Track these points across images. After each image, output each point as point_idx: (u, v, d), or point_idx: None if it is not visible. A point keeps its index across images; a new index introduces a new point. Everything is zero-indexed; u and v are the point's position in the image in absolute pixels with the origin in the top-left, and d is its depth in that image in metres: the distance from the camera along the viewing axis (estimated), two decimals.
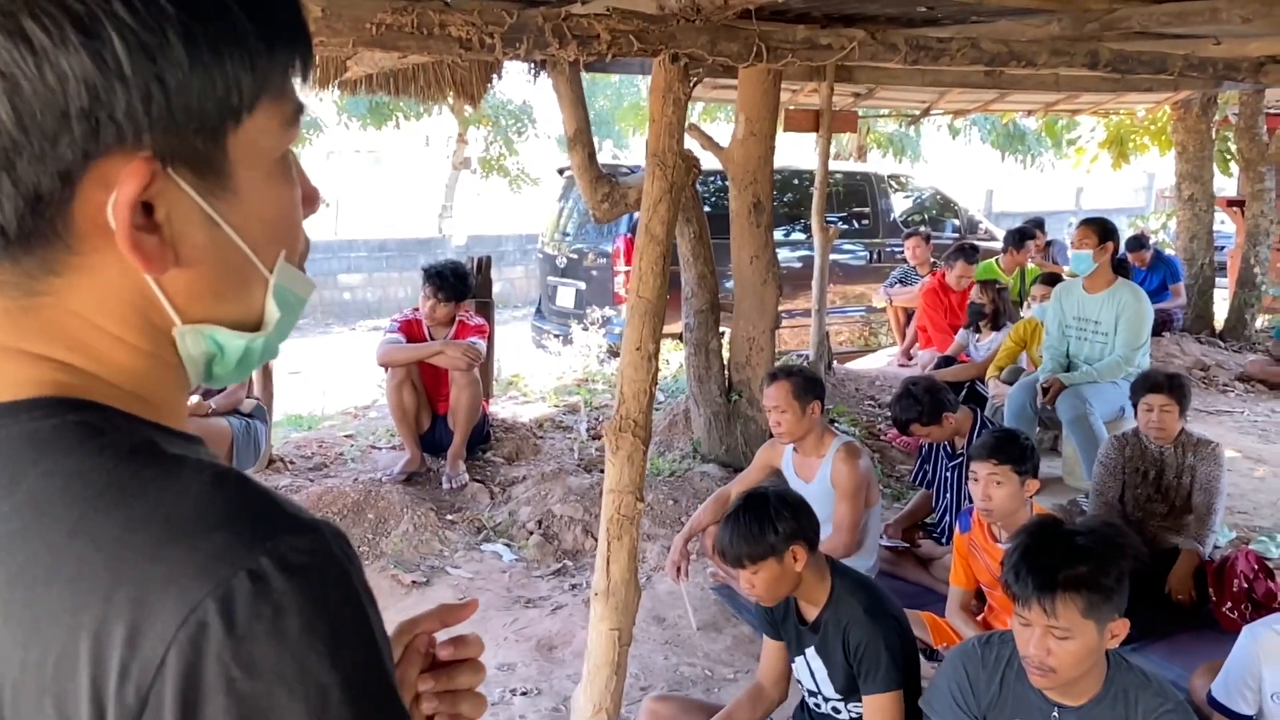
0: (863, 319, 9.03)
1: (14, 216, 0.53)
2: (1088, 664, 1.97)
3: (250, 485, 0.55)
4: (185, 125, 0.54)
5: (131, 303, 0.58)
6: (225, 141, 0.57)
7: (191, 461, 0.55)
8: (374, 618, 0.55)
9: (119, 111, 0.52)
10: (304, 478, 4.79)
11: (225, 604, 0.49)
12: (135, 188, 0.54)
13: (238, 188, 0.58)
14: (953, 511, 4.00)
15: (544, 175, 15.62)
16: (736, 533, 2.31)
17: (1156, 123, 9.94)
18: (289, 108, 0.60)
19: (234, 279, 0.61)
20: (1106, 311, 4.87)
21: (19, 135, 0.51)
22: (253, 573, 0.50)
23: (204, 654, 0.48)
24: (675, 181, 2.39)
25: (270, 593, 0.50)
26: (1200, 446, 3.85)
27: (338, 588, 0.53)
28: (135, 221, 0.54)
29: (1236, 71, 3.98)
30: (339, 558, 0.54)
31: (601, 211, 4.88)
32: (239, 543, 0.51)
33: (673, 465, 5.01)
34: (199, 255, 0.58)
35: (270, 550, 0.51)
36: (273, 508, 0.54)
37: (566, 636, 3.58)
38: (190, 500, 0.52)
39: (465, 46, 2.27)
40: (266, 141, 0.59)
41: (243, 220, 0.59)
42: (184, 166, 0.56)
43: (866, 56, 2.74)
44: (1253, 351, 8.11)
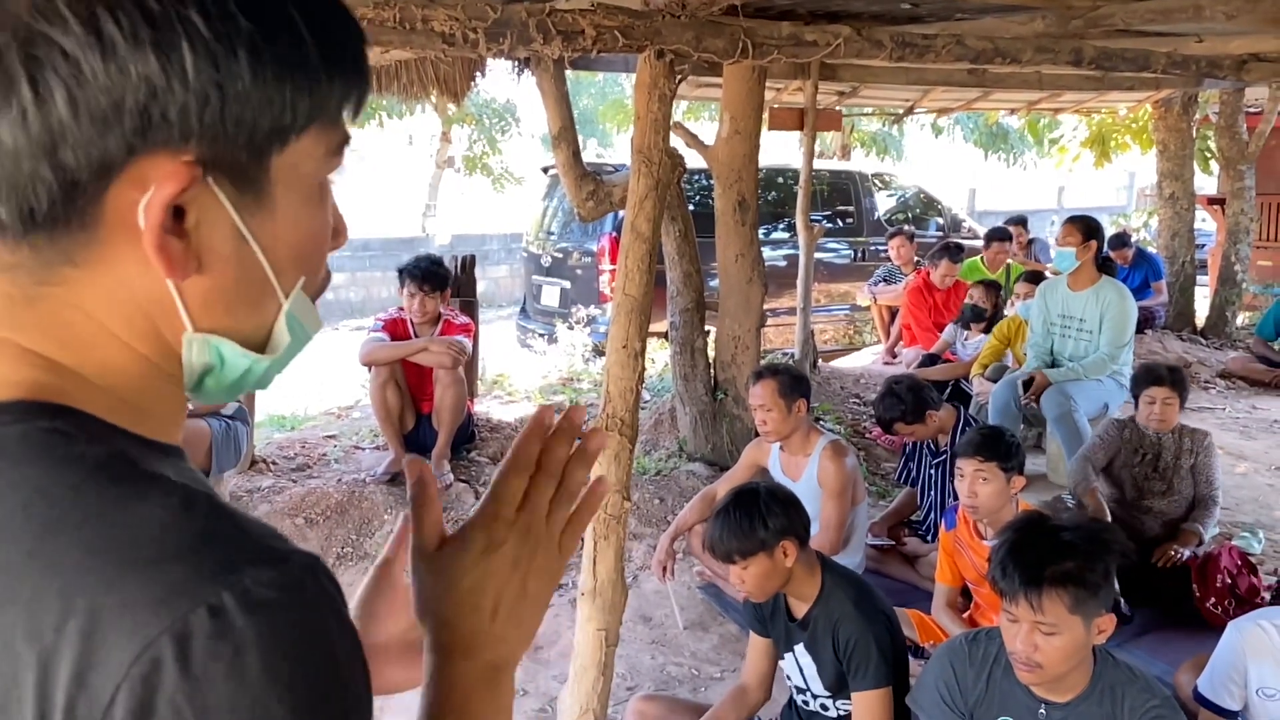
0: (847, 317, 9.05)
1: (45, 201, 0.52)
2: (1075, 660, 1.97)
3: (219, 510, 0.52)
4: (234, 137, 0.54)
5: (141, 306, 0.56)
6: (269, 160, 0.57)
7: (163, 481, 0.53)
8: (344, 656, 0.52)
9: (173, 112, 0.52)
10: (286, 479, 4.75)
11: (181, 642, 0.46)
12: (173, 189, 0.53)
13: (273, 207, 0.58)
14: (938, 509, 4.01)
15: (528, 174, 15.59)
16: (727, 528, 2.30)
17: (1138, 121, 10.02)
18: (337, 138, 0.60)
19: (250, 296, 0.60)
20: (1091, 309, 4.89)
21: (70, 122, 0.51)
22: (212, 608, 0.47)
23: (156, 695, 0.46)
24: (661, 178, 2.37)
25: (230, 630, 0.47)
26: (1196, 435, 3.95)
27: (305, 625, 0.50)
28: (165, 224, 0.54)
29: (1219, 69, 4.01)
30: (308, 592, 0.51)
31: (586, 210, 4.86)
32: (200, 575, 0.48)
33: (659, 464, 4.99)
34: (220, 267, 0.57)
35: (232, 584, 0.48)
36: (240, 536, 0.51)
37: (552, 637, 3.56)
38: (154, 525, 0.50)
39: (448, 42, 2.25)
40: (309, 166, 0.59)
41: (271, 240, 0.59)
42: (224, 177, 0.55)
43: (852, 53, 2.74)
44: (1234, 349, 8.17)
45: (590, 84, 18.30)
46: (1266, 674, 2.44)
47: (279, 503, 4.34)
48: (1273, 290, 9.09)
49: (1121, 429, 4.03)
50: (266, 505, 4.34)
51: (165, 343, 0.58)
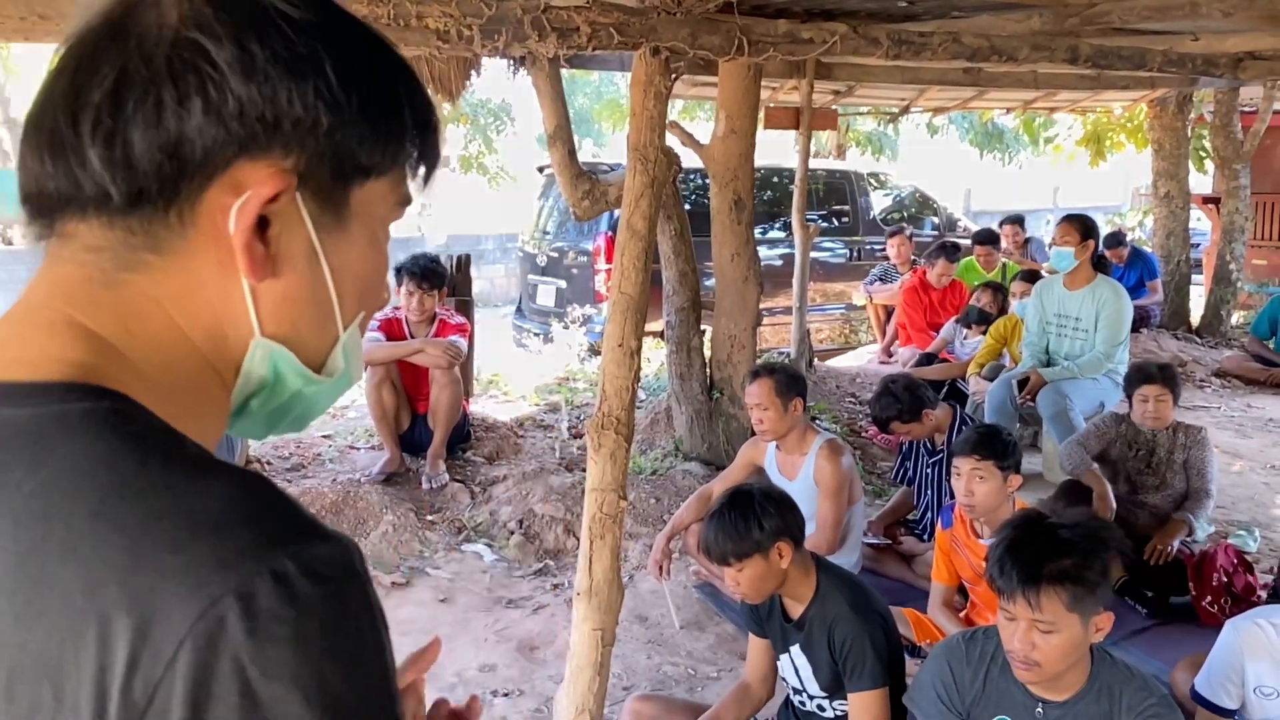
0: (843, 317, 9.05)
1: (156, 187, 0.56)
2: (1072, 658, 1.96)
3: (278, 491, 0.55)
4: (330, 160, 0.60)
5: (212, 304, 0.60)
6: (351, 190, 0.62)
7: (220, 463, 0.55)
8: (387, 638, 0.54)
9: (286, 125, 0.57)
10: (281, 479, 4.73)
11: (246, 602, 0.48)
12: (269, 192, 0.57)
13: (347, 234, 0.63)
14: (934, 508, 4.00)
15: (523, 173, 15.56)
16: (721, 530, 2.29)
17: (1133, 120, 10.03)
18: (404, 192, 0.67)
19: (314, 316, 0.64)
20: (1087, 308, 4.89)
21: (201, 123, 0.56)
22: (276, 573, 0.49)
23: (220, 652, 0.47)
24: (657, 176, 2.36)
25: (295, 596, 0.49)
26: (1190, 430, 3.96)
27: (360, 602, 0.52)
28: (254, 226, 0.58)
29: (1215, 67, 4.01)
30: (360, 573, 0.53)
31: (582, 209, 4.85)
32: (265, 541, 0.50)
33: (654, 464, 4.99)
34: (293, 279, 0.61)
35: (295, 553, 0.50)
36: (298, 514, 0.54)
37: (548, 637, 3.55)
38: (217, 497, 0.52)
39: (443, 39, 2.24)
40: (381, 209, 0.65)
41: (340, 265, 0.63)
42: (310, 195, 0.60)
43: (848, 50, 2.73)
44: (1228, 347, 8.18)
45: (585, 83, 18.28)
46: (1264, 672, 2.44)
47: None
48: (1268, 289, 9.10)
49: (1119, 422, 4.04)
50: None
51: (228, 346, 0.61)
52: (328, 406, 0.69)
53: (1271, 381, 7.21)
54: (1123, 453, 4.00)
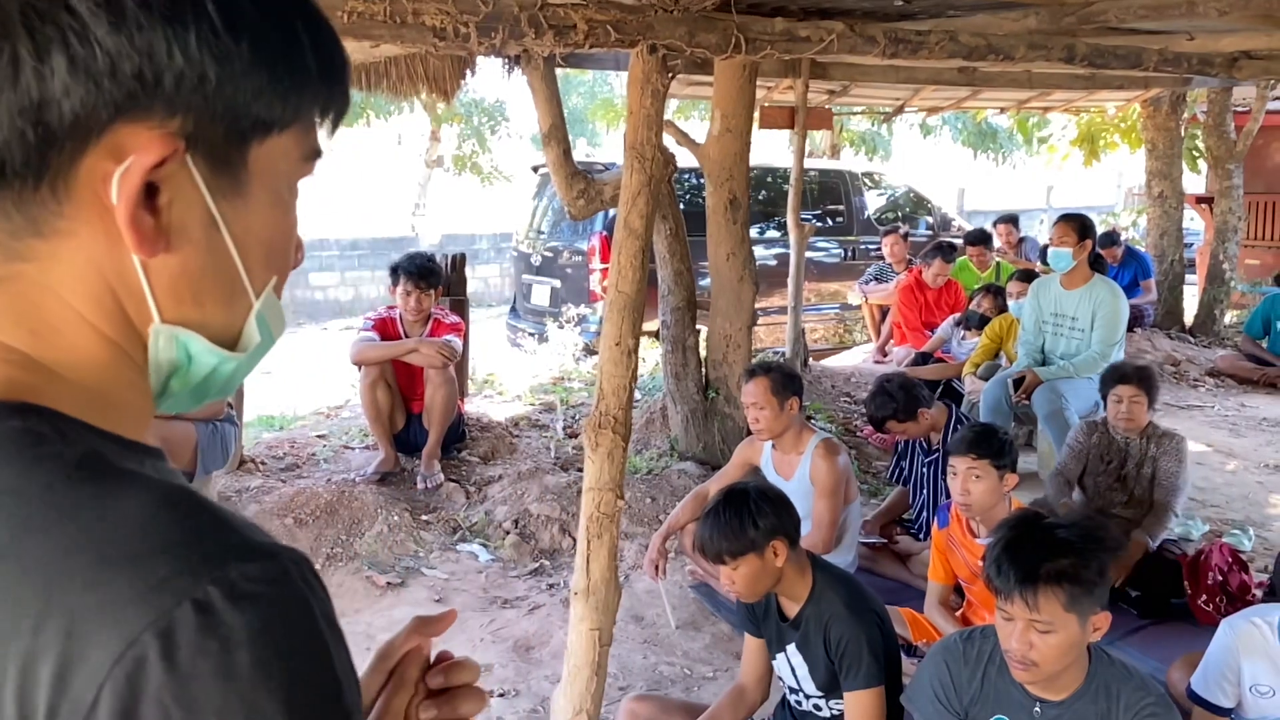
0: (837, 316, 9.05)
1: (20, 156, 0.51)
2: (1070, 658, 1.96)
3: (202, 507, 0.51)
4: (221, 117, 0.54)
5: (110, 286, 0.54)
6: (249, 148, 0.56)
7: (141, 479, 0.51)
8: (336, 653, 0.50)
9: (167, 81, 0.51)
10: (276, 479, 4.71)
11: (166, 638, 0.45)
12: (152, 158, 0.52)
13: (247, 197, 0.58)
14: (930, 508, 4.00)
15: (518, 173, 15.55)
16: (717, 529, 2.28)
17: (1127, 120, 10.05)
18: (311, 144, 0.61)
19: (219, 289, 0.58)
20: (1083, 307, 4.90)
21: (66, 80, 0.50)
22: (198, 603, 0.46)
23: (141, 694, 0.44)
24: (654, 174, 2.36)
25: (217, 625, 0.45)
26: (1164, 439, 3.90)
27: (295, 620, 0.49)
28: (139, 196, 0.52)
29: (1210, 66, 4.01)
30: (298, 586, 0.50)
31: (577, 208, 4.84)
32: (184, 570, 0.46)
33: (650, 463, 4.98)
34: (190, 251, 0.56)
35: (219, 578, 0.46)
36: (225, 531, 0.50)
37: (544, 637, 3.54)
38: (134, 522, 0.48)
39: (439, 36, 2.23)
40: (285, 166, 0.60)
41: (243, 231, 0.58)
42: (202, 157, 0.54)
43: (845, 49, 2.73)
44: (1222, 347, 8.21)
45: (580, 82, 18.27)
46: (1260, 671, 2.44)
47: (268, 503, 4.31)
48: (1260, 289, 9.12)
49: (1090, 433, 4.01)
50: (255, 505, 4.31)
51: (134, 329, 0.56)
52: (252, 370, 0.64)
53: (1265, 381, 7.23)
54: (1094, 467, 3.97)
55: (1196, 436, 5.99)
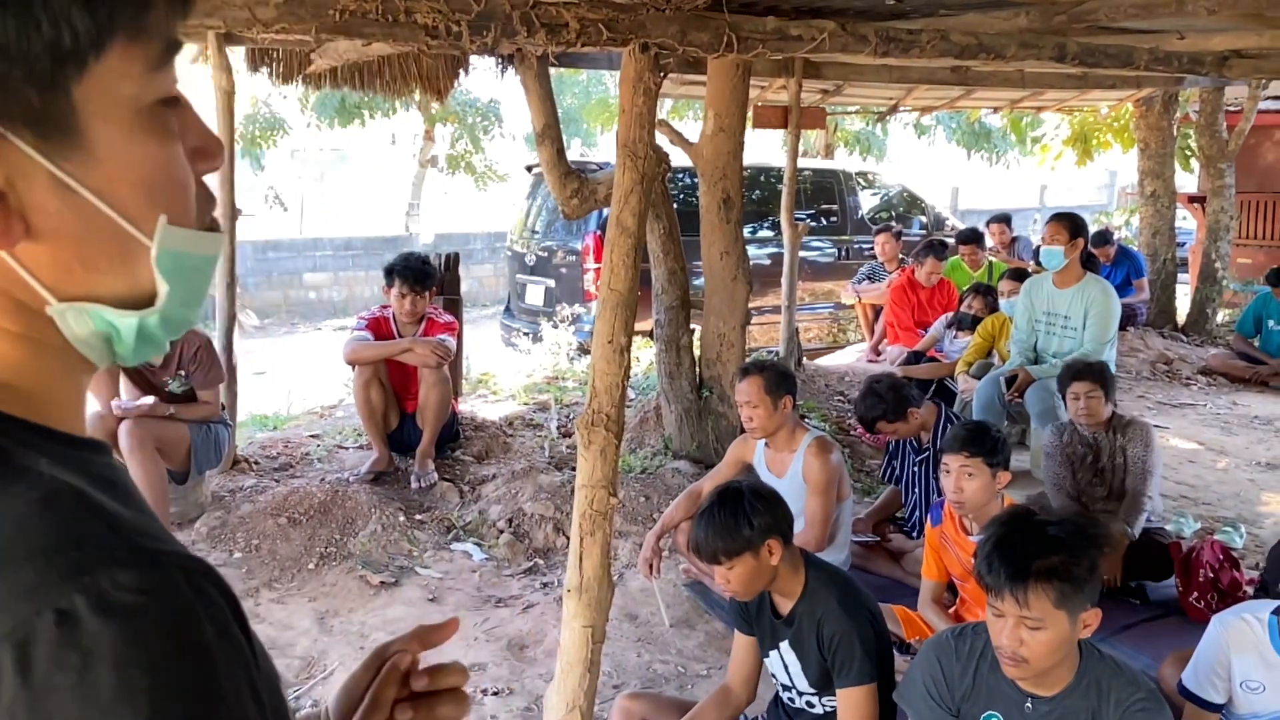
0: (831, 316, 9.07)
1: None
2: (1060, 654, 1.97)
3: (85, 508, 0.47)
4: (9, 74, 0.47)
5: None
6: (69, 92, 0.49)
7: (28, 476, 0.48)
8: (225, 667, 0.46)
9: None
10: (269, 478, 4.71)
11: (21, 649, 0.42)
12: None
13: (94, 145, 0.51)
14: (922, 506, 4.01)
15: (511, 173, 15.55)
16: (712, 528, 2.29)
17: (1119, 120, 10.08)
18: (155, 47, 0.52)
19: (105, 249, 0.53)
20: (1076, 306, 4.92)
21: None
22: (61, 612, 0.42)
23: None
24: (647, 173, 2.36)
25: (79, 637, 0.42)
26: (1129, 428, 3.93)
27: (173, 633, 0.44)
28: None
29: (1201, 65, 4.03)
30: (182, 595, 0.46)
31: (571, 207, 4.85)
32: (49, 577, 0.43)
33: (644, 462, 4.98)
34: (55, 224, 0.50)
35: (87, 586, 0.43)
36: (105, 535, 0.46)
37: (538, 635, 3.55)
38: (8, 525, 0.45)
39: (432, 34, 2.23)
40: (127, 89, 0.51)
41: (104, 182, 0.51)
42: (20, 125, 0.48)
43: (837, 48, 2.74)
44: (1214, 345, 8.24)
45: (574, 83, 18.27)
46: (1250, 667, 2.45)
47: (261, 502, 4.30)
48: (1252, 287, 9.16)
49: (1060, 434, 4.03)
50: (249, 505, 4.30)
51: (36, 316, 0.52)
52: (198, 301, 0.58)
53: (1257, 379, 7.26)
54: (1073, 465, 3.99)
55: (1189, 435, 6.01)
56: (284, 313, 13.21)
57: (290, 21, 2.18)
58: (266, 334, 11.64)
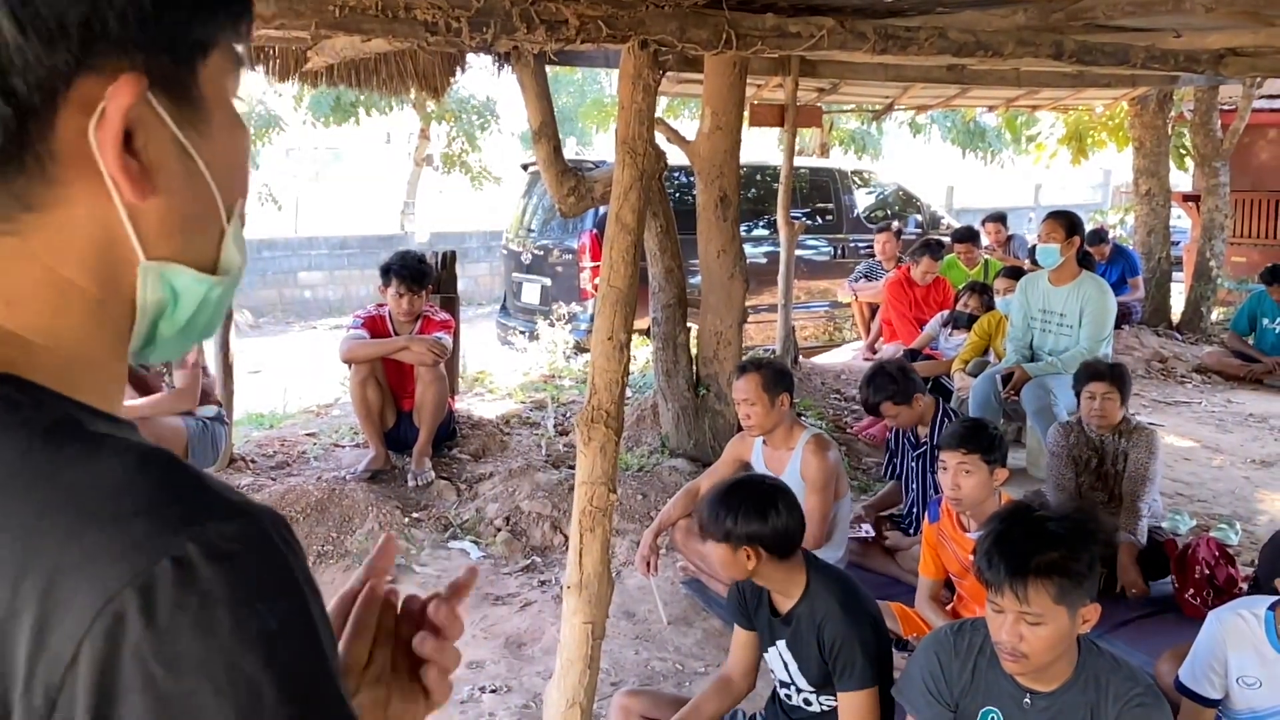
0: (827, 314, 9.08)
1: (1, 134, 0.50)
2: (1060, 649, 1.97)
3: (179, 467, 0.51)
4: (167, 49, 0.54)
5: (95, 241, 0.55)
6: (198, 71, 0.57)
7: (116, 441, 0.51)
8: (315, 610, 0.51)
9: (113, 23, 0.51)
10: (266, 476, 4.71)
11: (145, 594, 0.45)
12: (127, 100, 0.52)
13: (208, 120, 0.58)
14: (920, 503, 4.02)
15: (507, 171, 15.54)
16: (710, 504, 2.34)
17: (1114, 119, 10.10)
18: (238, 54, 0.61)
19: (199, 218, 0.59)
20: (1071, 304, 4.93)
21: (18, 43, 0.49)
22: (177, 560, 0.46)
23: (121, 649, 0.44)
24: (646, 169, 2.36)
25: (196, 581, 0.46)
26: (1136, 433, 3.92)
27: (272, 576, 0.49)
28: (122, 140, 0.53)
29: (1197, 64, 4.04)
30: (275, 544, 0.50)
31: (568, 205, 4.84)
32: (163, 528, 0.47)
33: (641, 460, 4.98)
34: (173, 186, 0.56)
35: (197, 535, 0.47)
36: (202, 491, 0.50)
37: (536, 633, 3.55)
38: (110, 482, 0.48)
39: (431, 31, 2.23)
40: (227, 81, 0.60)
41: (211, 155, 0.58)
42: (162, 92, 0.55)
43: (836, 45, 2.74)
44: (1209, 344, 8.26)
45: (569, 82, 18.27)
46: (1246, 663, 2.46)
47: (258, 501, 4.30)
48: (1247, 286, 9.18)
49: (1066, 435, 4.02)
50: None
51: (119, 282, 0.56)
52: (228, 301, 0.64)
53: (1251, 377, 7.29)
54: (1074, 469, 3.99)
55: (1184, 432, 6.03)
56: (279, 311, 13.19)
57: (289, 17, 2.17)
58: (262, 333, 11.62)
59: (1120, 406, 3.90)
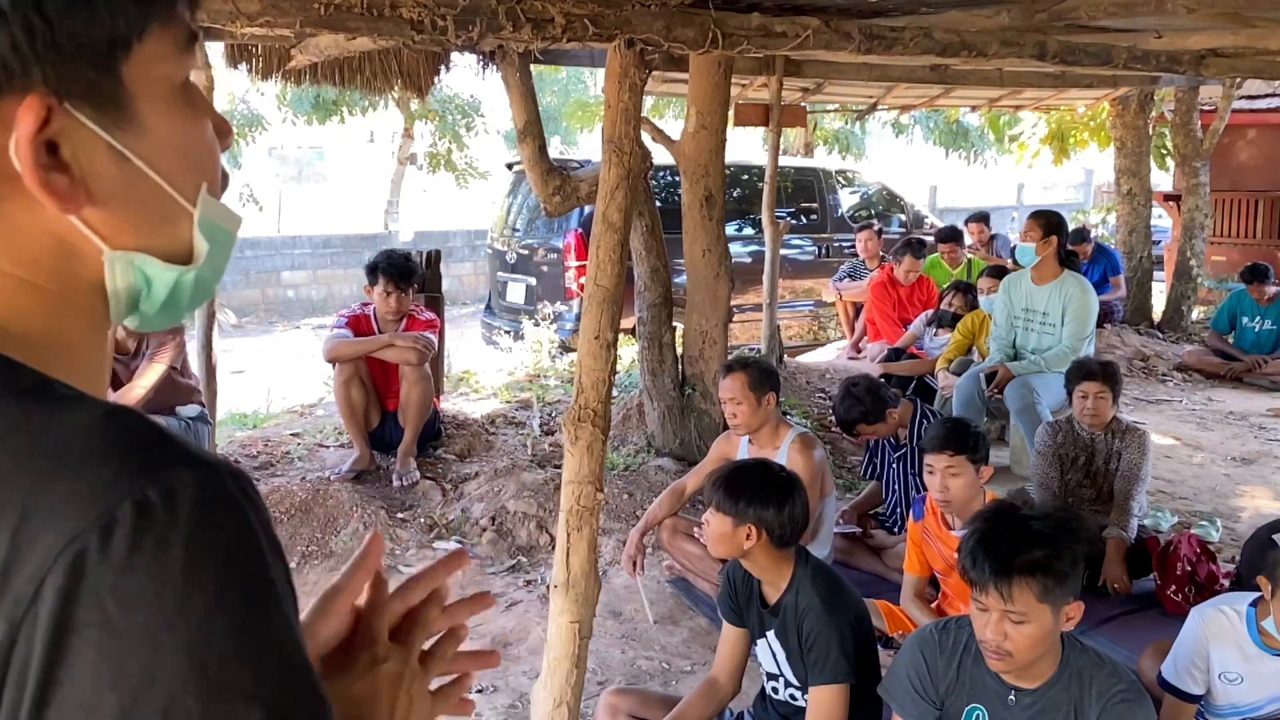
0: (811, 313, 9.10)
1: None
2: (1044, 647, 1.99)
3: (145, 421, 0.53)
4: (75, 57, 0.53)
5: (41, 245, 0.56)
6: (120, 71, 0.55)
7: (87, 399, 0.53)
8: (271, 560, 0.52)
9: (3, 49, 0.51)
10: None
11: (105, 533, 0.47)
12: (32, 124, 0.52)
13: (142, 119, 0.57)
14: (902, 502, 4.04)
15: (492, 170, 15.51)
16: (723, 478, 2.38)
17: (1096, 119, 10.17)
18: (182, 32, 0.59)
19: (153, 213, 0.59)
20: (1054, 303, 4.97)
21: None
22: (138, 503, 0.48)
23: (80, 586, 0.46)
24: (633, 168, 2.36)
25: (154, 524, 0.48)
26: (1128, 433, 3.95)
27: (229, 525, 0.51)
28: (41, 160, 0.53)
29: (1178, 64, 4.08)
30: (234, 495, 0.52)
31: (553, 205, 4.83)
32: (127, 473, 0.49)
33: (627, 459, 4.98)
34: (112, 190, 0.56)
35: (159, 481, 0.49)
36: (167, 442, 0.52)
37: (522, 633, 3.54)
38: (80, 432, 0.50)
39: (417, 29, 2.22)
40: (164, 69, 0.58)
41: (154, 152, 0.58)
42: (81, 101, 0.54)
43: (821, 45, 2.75)
44: (1189, 342, 8.33)
45: (553, 81, 18.25)
46: (1228, 658, 2.49)
47: None
48: (1227, 285, 9.27)
49: (1055, 434, 4.04)
50: None
51: (78, 277, 0.57)
52: (221, 271, 0.64)
53: (1231, 375, 7.35)
54: (1062, 464, 4.01)
55: (1165, 430, 6.08)
56: (262, 311, 13.11)
57: (274, 15, 2.16)
58: (245, 333, 11.55)
59: (1112, 405, 3.93)
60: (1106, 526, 3.80)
